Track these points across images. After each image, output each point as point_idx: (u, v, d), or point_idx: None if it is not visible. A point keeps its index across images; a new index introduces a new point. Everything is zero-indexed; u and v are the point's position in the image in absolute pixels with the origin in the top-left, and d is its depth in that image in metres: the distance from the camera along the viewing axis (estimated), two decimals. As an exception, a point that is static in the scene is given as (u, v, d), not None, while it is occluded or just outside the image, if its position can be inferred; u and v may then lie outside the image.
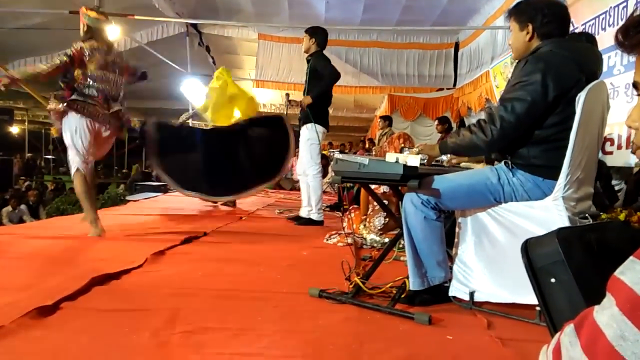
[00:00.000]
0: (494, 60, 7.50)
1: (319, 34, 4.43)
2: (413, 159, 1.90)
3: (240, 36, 10.07)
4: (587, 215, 1.80)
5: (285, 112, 4.64)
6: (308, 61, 4.45)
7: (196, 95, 5.36)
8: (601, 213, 2.09)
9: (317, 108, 4.33)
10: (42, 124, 19.48)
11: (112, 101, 3.50)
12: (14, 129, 18.66)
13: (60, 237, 3.35)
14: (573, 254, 1.35)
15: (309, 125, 4.34)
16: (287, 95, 4.65)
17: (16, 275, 2.34)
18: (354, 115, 13.39)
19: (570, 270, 1.33)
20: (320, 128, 4.36)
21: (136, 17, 7.33)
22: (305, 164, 4.51)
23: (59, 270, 2.47)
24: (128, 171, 16.34)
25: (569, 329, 0.68)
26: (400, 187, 2.36)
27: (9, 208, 9.00)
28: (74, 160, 3.41)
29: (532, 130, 1.85)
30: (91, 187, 3.55)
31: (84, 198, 3.44)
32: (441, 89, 10.17)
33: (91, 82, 3.40)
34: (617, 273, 0.63)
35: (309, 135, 4.36)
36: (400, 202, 2.17)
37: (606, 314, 0.62)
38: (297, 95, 4.90)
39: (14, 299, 1.87)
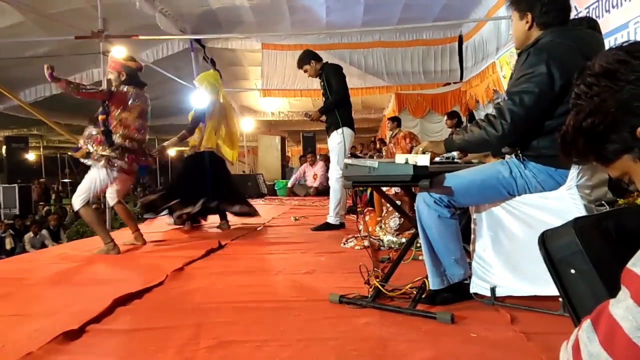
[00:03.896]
0: (499, 51, 7.44)
1: (310, 56, 4.52)
2: (423, 159, 1.90)
3: (244, 47, 10.14)
4: (603, 202, 1.78)
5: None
6: (320, 75, 4.51)
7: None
8: (618, 199, 2.06)
9: (345, 112, 4.40)
10: (57, 148, 19.81)
11: (145, 149, 3.80)
12: (30, 156, 19.00)
13: (81, 260, 3.40)
14: (591, 244, 1.33)
15: (339, 130, 4.39)
16: (306, 113, 4.73)
17: (42, 301, 2.39)
18: (363, 117, 13.35)
19: (589, 260, 1.31)
20: (349, 131, 4.42)
21: (140, 37, 7.43)
22: (331, 167, 4.57)
23: (82, 293, 2.52)
24: (144, 189, 16.52)
25: (586, 324, 0.67)
26: (412, 187, 2.36)
27: (31, 234, 9.15)
28: (84, 197, 3.52)
29: (541, 122, 1.84)
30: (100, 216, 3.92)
31: (97, 225, 3.63)
32: (448, 84, 10.10)
33: (135, 135, 3.62)
34: (630, 265, 0.63)
35: (339, 139, 4.40)
36: (413, 202, 2.16)
37: (621, 307, 0.62)
38: (305, 101, 4.98)
39: (41, 325, 1.91)
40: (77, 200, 3.52)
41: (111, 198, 3.81)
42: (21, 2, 6.55)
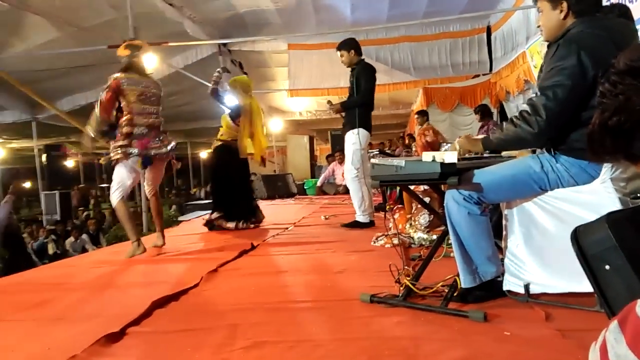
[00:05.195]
0: (529, 40, 7.26)
1: (353, 45, 4.49)
2: (450, 156, 1.88)
3: (271, 49, 10.23)
4: (639, 194, 1.73)
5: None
6: (352, 69, 4.49)
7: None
8: (655, 191, 1.99)
9: (364, 113, 4.39)
10: (94, 155, 20.44)
11: (160, 134, 3.78)
12: (69, 163, 19.68)
13: (119, 264, 3.52)
14: (625, 238, 1.30)
15: (354, 130, 4.38)
16: (329, 102, 4.75)
17: (84, 305, 2.49)
18: (391, 113, 13.29)
19: (624, 255, 1.28)
20: (364, 132, 4.41)
21: (170, 44, 7.60)
22: (345, 167, 4.58)
23: (121, 296, 2.61)
24: (178, 192, 16.88)
25: (613, 325, 0.67)
26: (441, 185, 2.34)
27: (72, 239, 9.50)
28: (117, 193, 3.66)
29: (574, 114, 1.79)
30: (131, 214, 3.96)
31: (127, 222, 3.73)
32: (477, 76, 9.93)
33: (137, 120, 3.62)
34: None
35: (354, 140, 4.41)
36: (442, 198, 2.15)
37: None
38: (332, 99, 5.01)
39: (84, 328, 1.99)
40: (113, 197, 3.69)
41: (147, 190, 3.95)
42: (58, 16, 6.79)
